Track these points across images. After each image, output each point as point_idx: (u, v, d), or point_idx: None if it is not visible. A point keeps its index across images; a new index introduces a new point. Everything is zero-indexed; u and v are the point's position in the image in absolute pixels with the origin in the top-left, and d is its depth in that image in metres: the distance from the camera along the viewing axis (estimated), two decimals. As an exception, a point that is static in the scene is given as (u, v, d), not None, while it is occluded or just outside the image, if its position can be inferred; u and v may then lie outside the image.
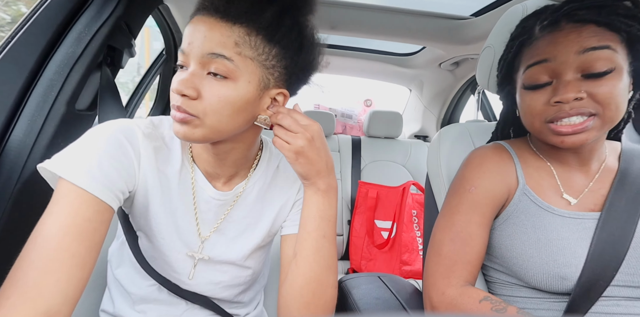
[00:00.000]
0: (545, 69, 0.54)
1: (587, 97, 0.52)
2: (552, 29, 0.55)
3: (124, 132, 0.52)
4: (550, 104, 0.54)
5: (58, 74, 0.66)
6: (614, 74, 0.51)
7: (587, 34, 0.52)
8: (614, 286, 0.54)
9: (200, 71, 0.47)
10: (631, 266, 0.54)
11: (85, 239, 0.43)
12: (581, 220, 0.58)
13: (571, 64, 0.52)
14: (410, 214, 1.67)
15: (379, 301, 0.71)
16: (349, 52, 1.91)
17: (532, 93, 0.57)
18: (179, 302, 0.62)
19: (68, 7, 0.70)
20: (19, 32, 0.64)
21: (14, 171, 0.61)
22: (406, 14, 1.31)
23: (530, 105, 0.57)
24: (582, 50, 0.51)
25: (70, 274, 0.41)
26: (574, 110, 0.52)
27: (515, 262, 0.59)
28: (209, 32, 0.46)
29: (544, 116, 0.55)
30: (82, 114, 0.74)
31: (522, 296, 0.62)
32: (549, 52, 0.54)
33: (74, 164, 0.46)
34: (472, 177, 0.64)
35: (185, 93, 0.46)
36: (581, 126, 0.53)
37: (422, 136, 2.39)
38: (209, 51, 0.46)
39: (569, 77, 0.53)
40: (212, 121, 0.48)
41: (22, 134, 0.62)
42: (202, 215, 0.59)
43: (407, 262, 1.58)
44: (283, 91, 0.53)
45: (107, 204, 0.46)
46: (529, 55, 0.57)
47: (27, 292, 0.39)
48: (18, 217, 0.61)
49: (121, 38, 0.81)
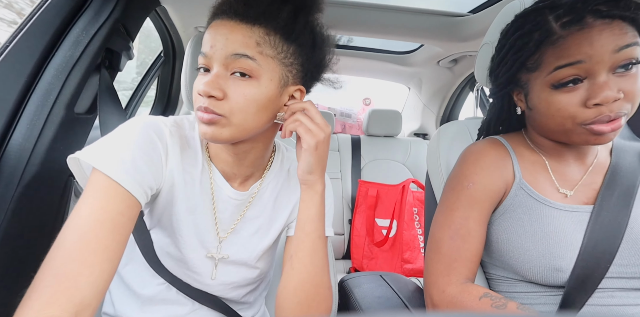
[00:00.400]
0: (579, 69, 0.52)
1: (623, 96, 0.51)
2: (580, 27, 0.51)
3: (154, 128, 0.53)
4: (587, 106, 0.52)
5: (56, 78, 0.66)
6: (637, 69, 0.52)
7: (619, 31, 0.50)
8: (609, 278, 0.55)
9: (224, 72, 0.49)
10: (624, 258, 0.55)
11: (117, 233, 0.44)
12: (577, 213, 0.59)
13: (606, 63, 0.50)
14: (411, 212, 1.67)
15: (381, 300, 0.72)
16: (347, 51, 1.91)
17: (563, 94, 0.54)
18: (186, 303, 0.62)
19: (65, 10, 0.69)
20: (16, 36, 0.64)
21: (14, 175, 0.61)
22: (404, 12, 1.31)
23: (562, 108, 0.54)
24: (618, 48, 0.50)
25: (102, 266, 0.42)
26: (614, 113, 0.51)
27: (512, 256, 0.60)
28: (230, 35, 0.48)
29: (581, 118, 0.53)
30: (81, 118, 0.74)
31: (520, 291, 0.62)
32: (584, 52, 0.51)
33: (109, 156, 0.47)
34: (470, 173, 0.64)
35: (213, 94, 0.47)
36: (617, 123, 0.52)
37: (422, 134, 2.39)
38: (232, 52, 0.48)
39: (605, 78, 0.51)
40: (239, 120, 0.49)
41: (22, 138, 0.62)
42: (220, 215, 0.61)
43: (408, 260, 1.59)
44: (300, 88, 0.56)
45: (137, 200, 0.47)
46: (557, 55, 0.53)
47: (65, 281, 0.39)
48: (18, 221, 0.61)
49: (119, 41, 0.81)
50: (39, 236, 0.68)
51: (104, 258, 0.42)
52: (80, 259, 0.40)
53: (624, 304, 0.55)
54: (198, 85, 0.50)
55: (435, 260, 0.61)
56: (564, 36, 0.52)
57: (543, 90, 0.56)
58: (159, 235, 0.60)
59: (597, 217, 0.57)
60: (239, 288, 0.65)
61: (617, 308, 0.55)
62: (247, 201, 0.62)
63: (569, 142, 0.58)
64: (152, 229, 0.60)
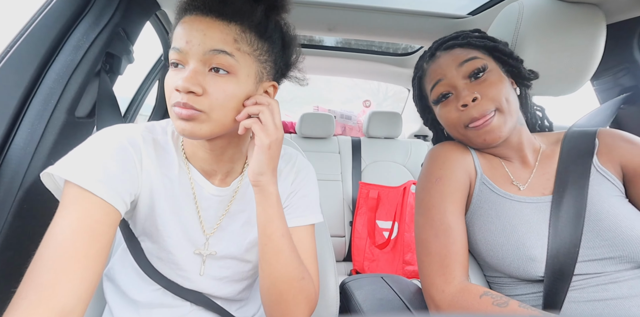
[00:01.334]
0: (443, 86, 0.67)
1: (482, 97, 0.63)
2: (433, 60, 0.70)
3: (125, 136, 0.54)
4: (459, 109, 0.64)
5: (57, 82, 0.67)
6: (491, 74, 0.65)
7: (458, 54, 0.67)
8: (582, 262, 0.57)
9: (202, 68, 0.49)
10: (589, 240, 0.58)
11: (96, 241, 0.45)
12: (536, 204, 0.63)
13: (457, 75, 0.66)
14: (412, 214, 1.67)
15: (383, 302, 0.71)
16: (347, 54, 1.91)
17: (443, 106, 0.68)
18: (182, 305, 0.62)
19: (66, 15, 0.70)
20: (18, 41, 0.65)
21: (15, 179, 0.61)
22: (403, 14, 1.31)
23: (447, 117, 0.68)
24: (459, 63, 0.66)
25: (82, 274, 0.42)
26: (478, 111, 0.63)
27: (492, 254, 0.62)
28: (208, 30, 0.48)
29: (461, 121, 0.65)
30: (82, 122, 0.74)
31: (519, 294, 0.63)
32: (439, 73, 0.68)
33: (81, 168, 0.47)
34: (435, 170, 0.69)
35: (193, 90, 0.47)
36: (488, 117, 0.63)
37: (422, 136, 2.39)
38: (210, 48, 0.48)
39: (461, 85, 0.65)
40: (219, 115, 0.50)
41: (23, 143, 0.63)
42: (204, 212, 0.61)
43: (409, 262, 1.58)
44: (274, 83, 0.57)
45: (114, 207, 0.48)
46: (428, 81, 0.71)
47: (43, 291, 0.40)
48: (20, 224, 0.61)
49: (119, 45, 0.81)
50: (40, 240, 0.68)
51: (84, 266, 0.43)
52: (57, 269, 0.41)
53: (619, 297, 0.55)
54: (175, 81, 0.49)
55: (427, 261, 0.62)
56: (427, 68, 0.72)
57: (434, 108, 0.72)
58: (147, 242, 0.60)
59: (557, 205, 0.61)
60: (233, 283, 0.65)
61: (613, 302, 0.55)
62: (230, 196, 0.62)
63: (476, 146, 0.69)
64: (140, 237, 0.60)
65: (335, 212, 1.88)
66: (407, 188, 1.71)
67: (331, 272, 0.80)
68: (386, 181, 1.86)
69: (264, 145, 0.52)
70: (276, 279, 0.55)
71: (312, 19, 1.32)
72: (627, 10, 0.80)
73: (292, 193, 0.65)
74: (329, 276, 0.79)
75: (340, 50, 1.90)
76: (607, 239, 0.57)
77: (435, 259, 0.61)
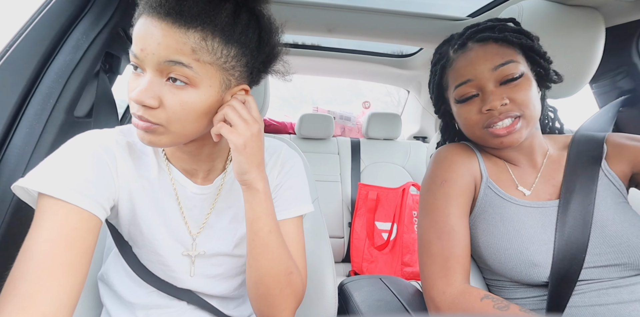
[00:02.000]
0: (470, 86, 0.63)
1: (510, 102, 0.60)
2: (463, 51, 0.65)
3: (98, 141, 0.53)
4: (482, 112, 0.62)
5: (56, 82, 0.67)
6: (523, 79, 0.61)
7: (492, 52, 0.62)
8: (587, 268, 0.57)
9: (158, 78, 0.45)
10: (596, 247, 0.57)
11: (74, 247, 0.44)
12: (542, 209, 0.62)
13: (489, 79, 0.62)
14: (410, 215, 1.67)
15: (381, 303, 0.71)
16: (346, 55, 1.92)
17: (465, 106, 0.65)
18: (178, 305, 0.62)
19: (66, 14, 0.70)
20: (17, 40, 0.64)
21: (13, 178, 0.61)
22: (403, 16, 1.31)
23: (466, 117, 0.65)
24: (494, 67, 0.61)
25: (62, 281, 0.42)
26: (503, 115, 0.60)
27: (495, 258, 0.61)
28: (163, 39, 0.43)
29: (480, 123, 0.63)
30: (81, 121, 0.74)
31: (519, 297, 0.62)
32: (469, 72, 0.63)
33: (52, 178, 0.45)
34: (441, 172, 0.68)
35: (147, 104, 0.44)
36: (512, 127, 0.61)
37: (421, 137, 2.39)
38: (165, 59, 0.44)
39: (491, 88, 0.62)
40: (177, 128, 0.47)
41: (21, 142, 0.62)
42: (188, 212, 0.60)
43: (408, 263, 1.58)
44: (244, 87, 0.52)
45: (91, 213, 0.46)
46: (454, 76, 0.66)
47: (21, 301, 0.39)
48: (17, 225, 0.61)
49: (119, 45, 0.81)
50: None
51: (62, 273, 0.42)
52: (35, 278, 0.41)
53: (619, 302, 0.55)
54: (131, 92, 0.46)
55: (429, 263, 0.62)
56: (455, 59, 0.66)
57: (454, 105, 0.68)
58: (134, 247, 0.60)
59: (564, 210, 0.60)
60: (228, 280, 0.64)
61: (613, 306, 0.55)
62: (214, 193, 0.61)
63: (488, 146, 0.66)
64: (128, 241, 0.60)
65: (334, 213, 1.88)
66: (406, 189, 1.71)
67: (330, 273, 0.80)
68: (385, 182, 1.86)
69: (239, 146, 0.49)
70: (263, 274, 0.55)
71: (311, 21, 1.32)
72: (626, 14, 0.80)
73: (278, 186, 0.64)
74: (328, 277, 0.79)
75: (339, 52, 1.90)
76: (613, 246, 0.56)
77: (438, 261, 0.61)
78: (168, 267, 0.60)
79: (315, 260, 0.80)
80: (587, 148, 0.66)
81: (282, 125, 2.37)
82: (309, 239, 0.82)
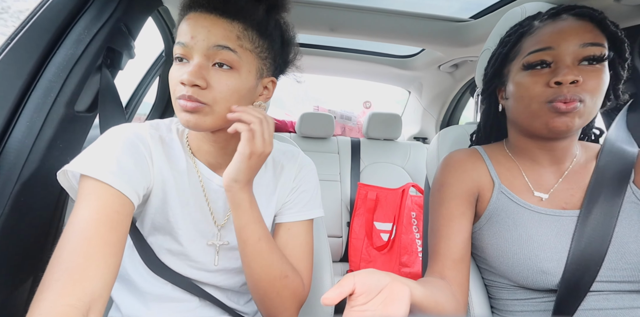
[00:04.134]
0: (548, 54, 0.58)
1: (582, 83, 0.56)
2: (553, 19, 0.60)
3: (135, 134, 0.56)
4: (549, 85, 0.57)
5: (57, 76, 0.66)
6: (601, 67, 0.57)
7: (586, 29, 0.57)
8: (599, 282, 0.56)
9: (206, 63, 0.51)
10: (612, 261, 0.56)
11: (116, 230, 0.47)
12: (557, 217, 0.61)
13: (571, 52, 0.57)
14: (409, 216, 1.67)
15: (378, 303, 0.71)
16: (348, 54, 1.92)
17: (531, 75, 0.59)
18: (191, 299, 0.63)
19: (67, 8, 0.70)
20: (18, 34, 0.64)
21: (12, 172, 0.61)
22: (405, 16, 1.31)
23: (529, 87, 0.59)
24: (583, 43, 0.56)
25: (107, 260, 0.44)
26: (570, 94, 0.56)
27: (502, 261, 0.61)
28: (212, 27, 0.50)
29: (543, 97, 0.58)
30: (81, 116, 0.74)
31: (519, 298, 0.62)
32: (553, 40, 0.58)
33: (95, 162, 0.50)
34: (440, 177, 0.70)
35: (197, 83, 0.49)
36: (572, 105, 0.55)
37: (422, 138, 2.39)
38: (214, 43, 0.50)
39: (568, 63, 0.57)
40: (221, 108, 0.52)
41: (21, 136, 0.62)
42: (213, 204, 0.63)
43: (406, 264, 1.58)
44: (273, 79, 0.60)
45: (128, 198, 0.50)
46: (532, 42, 0.61)
47: (74, 274, 0.41)
48: (17, 218, 0.61)
49: (121, 40, 0.81)
50: (37, 233, 0.68)
51: (108, 253, 0.45)
52: (86, 254, 0.43)
53: (619, 308, 0.55)
54: (180, 75, 0.51)
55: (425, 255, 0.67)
56: (540, 27, 0.61)
57: (517, 74, 0.62)
58: (157, 236, 0.61)
59: (584, 220, 0.58)
60: (240, 273, 0.66)
61: (613, 312, 0.55)
62: None
63: (534, 130, 0.62)
64: (149, 231, 0.61)
65: (333, 213, 1.88)
66: (405, 190, 1.71)
67: (327, 272, 0.80)
68: (384, 183, 1.86)
69: (245, 154, 0.52)
70: (257, 279, 0.57)
71: (314, 19, 1.32)
72: (627, 18, 0.80)
73: (294, 189, 0.67)
74: (325, 276, 0.79)
75: (341, 51, 1.90)
76: (631, 263, 0.55)
77: (429, 254, 0.66)
78: (189, 257, 0.61)
79: (313, 259, 0.80)
80: (617, 161, 0.63)
81: (283, 124, 2.37)
82: (307, 238, 0.82)
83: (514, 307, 0.63)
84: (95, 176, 0.48)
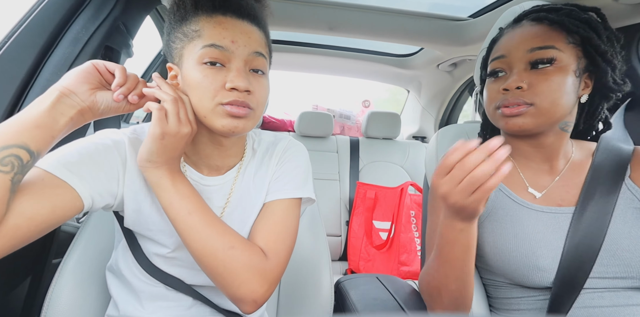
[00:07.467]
0: (502, 62, 0.63)
1: (528, 88, 0.58)
2: (514, 27, 0.64)
3: (113, 140, 0.55)
4: (500, 91, 0.61)
5: (55, 75, 0.66)
6: (554, 69, 0.58)
7: (536, 34, 0.60)
8: (593, 278, 0.56)
9: (245, 68, 0.53)
10: (605, 257, 0.57)
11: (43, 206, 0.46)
12: (553, 214, 0.62)
13: (520, 59, 0.60)
14: (408, 215, 1.67)
15: (377, 302, 0.71)
16: (347, 53, 1.91)
17: (492, 82, 0.65)
18: (186, 298, 0.63)
19: (65, 7, 0.69)
20: (16, 32, 0.64)
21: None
22: (404, 15, 1.31)
23: (489, 93, 0.65)
24: (531, 48, 0.59)
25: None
26: (513, 99, 0.59)
27: (499, 259, 0.61)
28: (252, 34, 0.53)
29: (495, 102, 0.62)
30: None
31: (516, 297, 0.62)
32: (505, 48, 0.63)
33: (55, 158, 0.49)
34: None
35: (250, 89, 0.51)
36: (517, 110, 0.59)
37: (420, 137, 2.40)
38: (254, 50, 0.53)
39: (518, 69, 0.60)
40: (260, 112, 0.55)
41: (19, 135, 0.62)
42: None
43: (405, 263, 1.58)
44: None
45: (80, 197, 0.48)
46: (495, 50, 0.66)
47: None
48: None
49: (119, 38, 0.80)
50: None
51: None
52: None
53: (614, 305, 0.56)
54: (220, 80, 0.51)
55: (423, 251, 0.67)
56: (504, 34, 0.66)
57: (487, 80, 0.67)
58: (144, 240, 0.61)
59: (579, 217, 0.59)
60: None
61: (608, 309, 0.56)
62: (228, 185, 0.63)
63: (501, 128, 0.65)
64: (137, 234, 0.61)
65: (332, 212, 1.88)
66: (404, 189, 1.71)
67: (326, 271, 0.80)
68: (383, 182, 1.86)
69: (155, 134, 0.49)
70: (199, 255, 0.53)
71: (313, 18, 1.31)
72: (626, 17, 0.80)
73: (277, 170, 0.65)
74: (324, 275, 0.79)
75: (340, 50, 1.90)
76: (623, 259, 0.56)
77: (427, 252, 0.69)
78: (178, 259, 0.60)
79: (312, 258, 0.80)
80: (613, 158, 0.64)
81: (282, 123, 2.37)
82: (306, 237, 0.82)
83: (511, 306, 0.63)
84: (46, 168, 0.47)
